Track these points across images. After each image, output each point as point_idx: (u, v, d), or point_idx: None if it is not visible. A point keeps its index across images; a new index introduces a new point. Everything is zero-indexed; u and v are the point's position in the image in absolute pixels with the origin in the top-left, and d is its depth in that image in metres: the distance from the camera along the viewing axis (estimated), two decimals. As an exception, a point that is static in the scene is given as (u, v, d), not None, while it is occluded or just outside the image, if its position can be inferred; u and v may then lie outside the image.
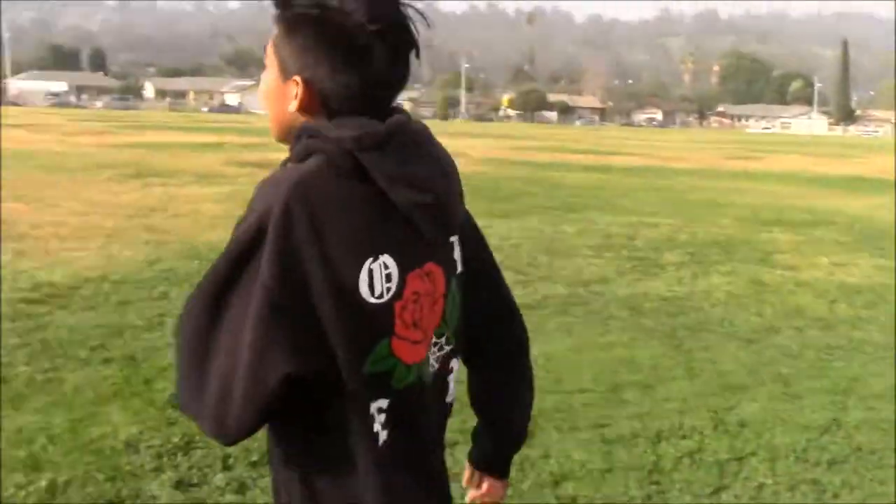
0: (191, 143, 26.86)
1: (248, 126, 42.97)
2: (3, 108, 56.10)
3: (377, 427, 1.28)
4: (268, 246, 1.18)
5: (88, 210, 10.83)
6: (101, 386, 4.36)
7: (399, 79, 1.30)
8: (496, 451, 1.56)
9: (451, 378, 1.45)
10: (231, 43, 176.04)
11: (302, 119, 1.28)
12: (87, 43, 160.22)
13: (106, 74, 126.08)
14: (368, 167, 1.21)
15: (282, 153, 1.31)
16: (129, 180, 14.53)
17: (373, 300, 1.24)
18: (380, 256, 1.25)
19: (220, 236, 7.86)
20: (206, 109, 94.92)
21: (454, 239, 1.40)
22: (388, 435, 1.29)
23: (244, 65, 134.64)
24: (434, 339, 1.37)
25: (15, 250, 7.88)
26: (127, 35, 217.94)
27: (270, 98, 1.33)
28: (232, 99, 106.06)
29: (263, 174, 1.32)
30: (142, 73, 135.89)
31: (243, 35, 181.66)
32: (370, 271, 1.23)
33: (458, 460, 2.02)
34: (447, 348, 1.41)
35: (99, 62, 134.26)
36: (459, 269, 1.41)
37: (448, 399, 1.46)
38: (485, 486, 1.57)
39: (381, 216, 1.25)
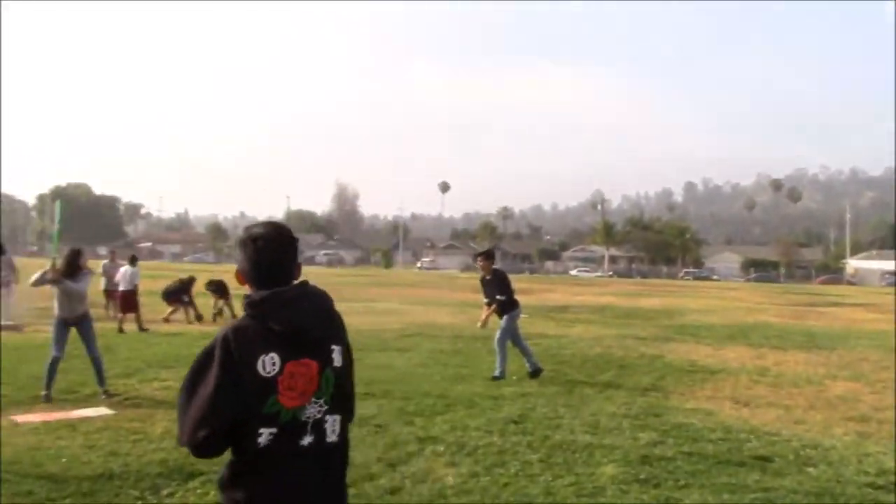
0: None
1: None
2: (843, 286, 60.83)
3: (264, 440, 2.63)
4: (216, 353, 2.66)
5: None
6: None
7: (281, 269, 2.84)
8: None
9: (328, 425, 2.74)
10: None
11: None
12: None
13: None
14: (259, 314, 2.70)
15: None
16: None
17: (264, 375, 2.63)
18: (268, 354, 2.65)
19: None
20: None
21: (336, 347, 2.84)
22: (272, 448, 2.64)
23: None
24: (314, 399, 2.71)
25: (858, 432, 8.73)
26: None
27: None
28: None
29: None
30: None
31: None
32: (262, 360, 2.64)
33: None
34: (325, 407, 2.74)
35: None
36: (337, 364, 2.82)
37: (329, 439, 2.75)
38: None
39: (270, 336, 2.66)
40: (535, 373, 11.59)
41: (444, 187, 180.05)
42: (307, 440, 2.69)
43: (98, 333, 10.13)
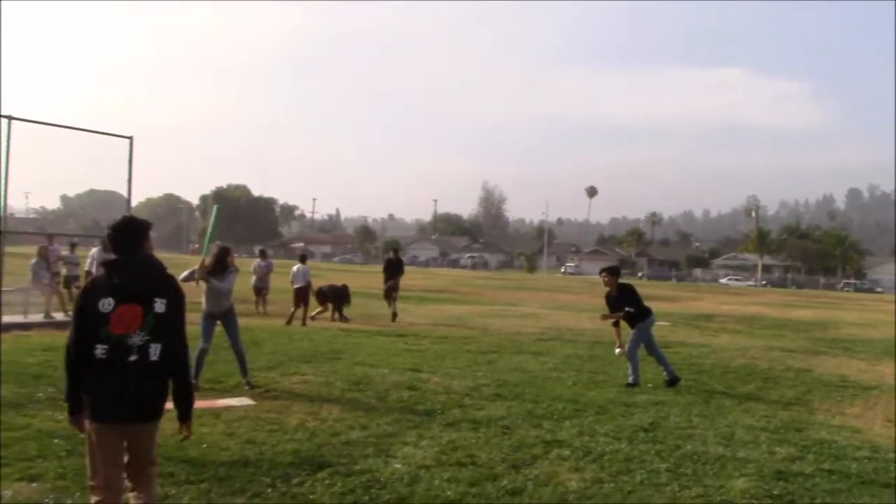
0: None
1: None
2: None
3: (99, 354, 4.16)
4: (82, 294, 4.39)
5: None
6: None
7: (126, 245, 4.38)
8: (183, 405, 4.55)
9: (150, 350, 4.21)
10: None
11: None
12: None
13: None
14: (107, 271, 4.34)
15: None
16: None
17: (102, 311, 4.21)
18: (107, 298, 4.22)
19: None
20: None
21: (159, 300, 4.28)
22: (106, 359, 4.17)
23: None
24: (138, 331, 4.19)
25: None
26: None
27: None
28: None
29: None
30: None
31: None
32: (102, 302, 4.21)
33: None
34: (148, 337, 4.22)
35: None
36: (159, 311, 4.27)
37: (151, 358, 4.22)
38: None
39: (111, 287, 4.26)
40: (672, 382, 11.30)
41: (592, 192, 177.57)
42: (133, 357, 4.21)
43: (245, 327, 10.60)
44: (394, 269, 21.68)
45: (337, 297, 20.43)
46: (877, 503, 6.16)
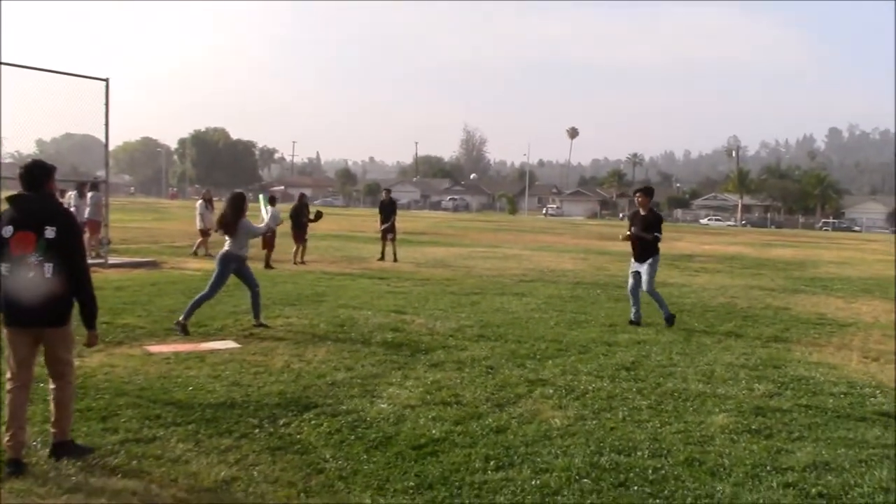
0: None
1: None
2: None
3: (3, 271, 5.04)
4: None
5: None
6: None
7: (30, 183, 5.22)
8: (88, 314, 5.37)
9: (45, 269, 5.06)
10: None
11: None
12: None
13: None
14: (11, 203, 5.21)
15: None
16: None
17: (4, 236, 5.08)
18: (7, 226, 5.08)
19: None
20: None
21: (49, 227, 5.08)
22: (9, 276, 5.04)
23: None
24: (33, 253, 5.05)
25: None
26: None
27: None
28: None
29: None
30: None
31: None
32: (5, 228, 5.08)
33: None
34: (42, 258, 5.06)
35: None
36: (49, 236, 5.07)
37: (46, 276, 5.07)
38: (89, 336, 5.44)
39: (13, 216, 5.14)
40: (670, 320, 11.34)
41: (573, 133, 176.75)
42: (31, 275, 5.07)
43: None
44: (389, 211, 21.75)
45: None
46: (852, 436, 6.29)
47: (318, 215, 19.99)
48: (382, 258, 21.22)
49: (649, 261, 11.52)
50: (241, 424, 6.08)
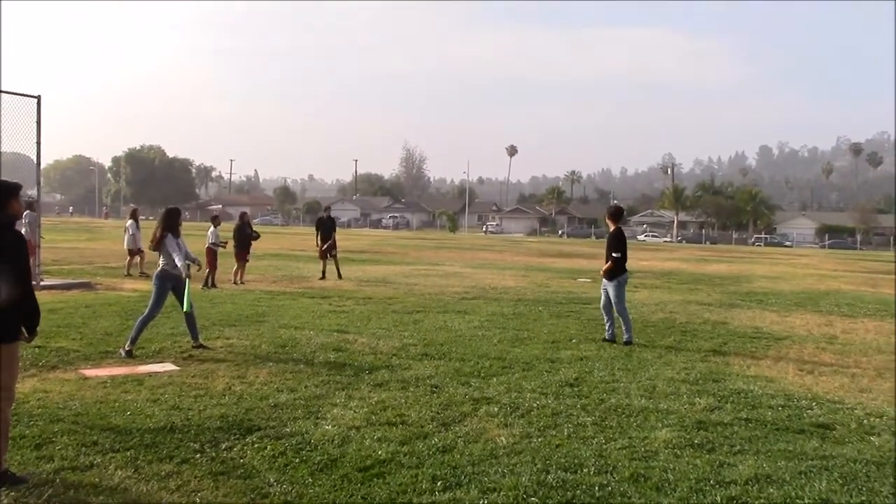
0: None
1: None
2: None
3: None
4: None
5: None
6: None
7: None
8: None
9: None
10: None
11: None
12: None
13: None
14: None
15: None
16: None
17: None
18: None
19: None
20: None
21: None
22: None
23: None
24: None
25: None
26: None
27: None
28: None
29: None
30: None
31: None
32: None
33: None
34: None
35: None
36: None
37: None
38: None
39: None
40: (628, 342, 11.38)
41: (512, 151, 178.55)
42: None
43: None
44: (328, 228, 21.63)
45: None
46: (791, 448, 6.41)
47: (255, 236, 19.87)
48: (324, 277, 21.04)
49: (615, 281, 11.61)
50: (182, 449, 5.93)
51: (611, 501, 5.14)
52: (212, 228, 19.48)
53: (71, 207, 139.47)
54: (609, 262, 11.64)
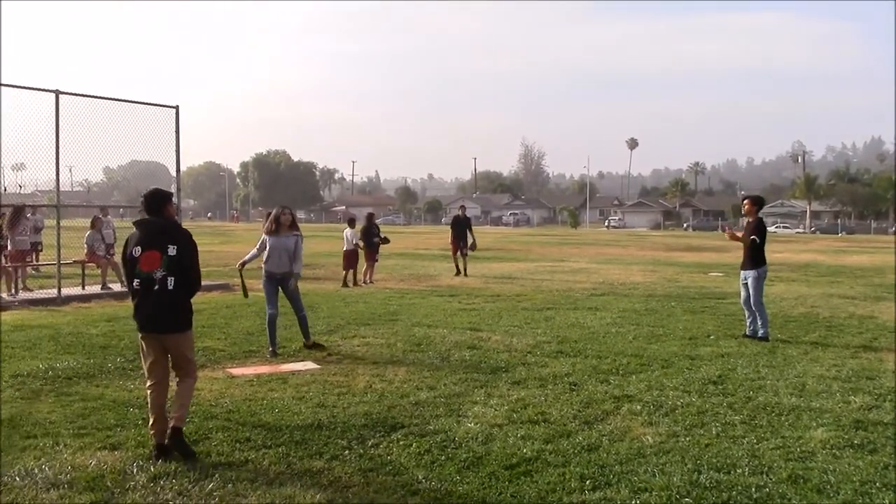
0: None
1: None
2: None
3: (134, 285, 5.93)
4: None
5: None
6: None
7: (152, 209, 6.08)
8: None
9: (169, 282, 5.84)
10: None
11: None
12: None
13: None
14: (137, 227, 6.09)
15: None
16: None
17: (134, 255, 5.92)
18: (136, 246, 5.92)
19: None
20: None
21: (171, 246, 5.89)
22: (137, 287, 5.91)
23: None
24: (159, 269, 5.84)
25: None
26: None
27: None
28: None
29: None
30: None
31: None
32: (133, 248, 5.94)
33: None
34: (165, 272, 5.85)
35: None
36: (171, 254, 5.87)
37: (169, 287, 5.85)
38: None
39: (140, 237, 5.96)
40: (765, 338, 10.99)
41: (633, 144, 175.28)
42: (157, 287, 5.85)
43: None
44: (464, 226, 22.30)
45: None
46: (963, 450, 6.02)
47: (385, 240, 20.28)
48: (458, 273, 21.73)
49: (753, 273, 11.21)
50: (331, 446, 6.07)
51: (769, 503, 4.95)
52: (348, 230, 20.00)
53: (209, 213, 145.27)
54: (750, 243, 11.17)
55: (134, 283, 5.95)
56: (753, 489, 5.15)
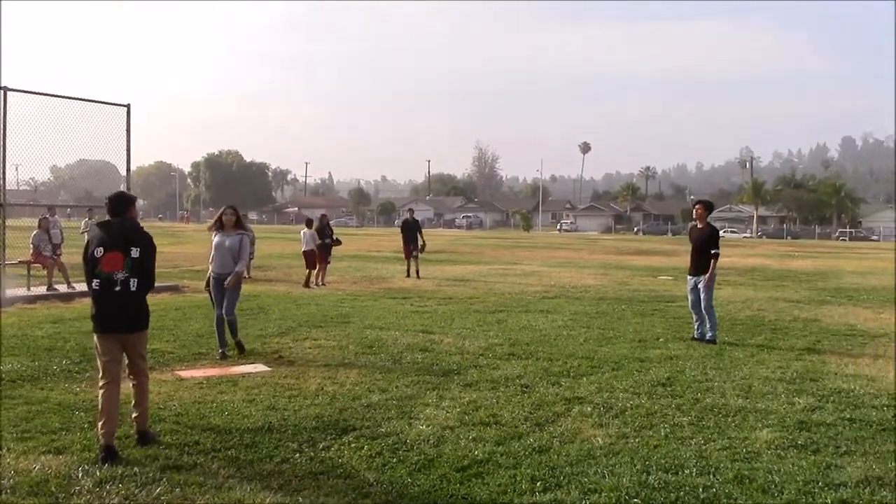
0: None
1: None
2: None
3: (94, 286, 5.92)
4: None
5: None
6: None
7: (115, 211, 6.17)
8: None
9: (130, 283, 5.93)
10: None
11: None
12: None
13: None
14: (101, 228, 6.14)
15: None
16: None
17: (96, 256, 5.96)
18: (98, 247, 5.96)
19: None
20: None
21: (134, 248, 5.98)
22: (97, 288, 5.93)
23: None
24: (120, 270, 5.91)
25: None
26: None
27: None
28: None
29: None
30: None
31: None
32: (95, 249, 5.97)
33: None
34: (128, 274, 5.93)
35: None
36: (134, 255, 5.95)
37: (131, 289, 5.94)
38: None
39: (103, 238, 6.00)
40: (712, 341, 11.13)
41: (585, 148, 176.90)
42: (117, 289, 5.92)
43: (251, 294, 10.54)
44: (414, 229, 22.32)
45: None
46: (901, 450, 6.18)
47: (338, 242, 20.30)
48: (408, 275, 21.83)
49: (705, 276, 11.35)
50: (281, 449, 6.02)
51: (716, 503, 5.03)
52: (306, 230, 19.99)
53: (160, 214, 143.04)
54: (713, 262, 11.34)
55: (94, 284, 5.96)
56: (701, 489, 5.23)
